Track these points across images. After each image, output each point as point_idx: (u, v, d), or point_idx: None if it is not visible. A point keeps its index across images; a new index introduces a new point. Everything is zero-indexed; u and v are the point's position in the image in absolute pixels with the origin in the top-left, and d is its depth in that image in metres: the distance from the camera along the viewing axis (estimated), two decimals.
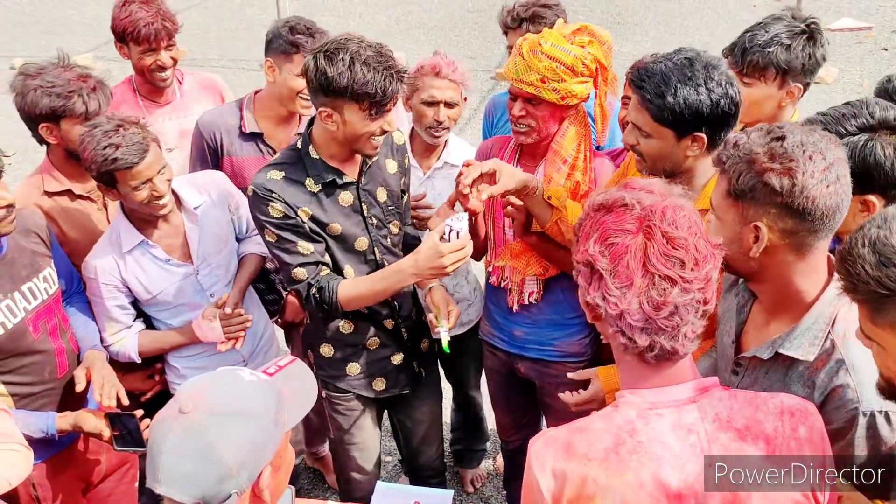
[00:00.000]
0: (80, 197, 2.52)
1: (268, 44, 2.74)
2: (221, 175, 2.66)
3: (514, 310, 2.51)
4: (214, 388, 1.30)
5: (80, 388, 2.26)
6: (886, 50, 8.83)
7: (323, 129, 2.17)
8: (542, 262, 2.41)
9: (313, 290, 2.23)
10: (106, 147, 2.16)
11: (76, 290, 2.48)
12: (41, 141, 2.43)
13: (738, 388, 1.64)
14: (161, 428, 1.26)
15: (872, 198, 1.68)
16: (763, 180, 1.42)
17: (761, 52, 2.21)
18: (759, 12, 10.50)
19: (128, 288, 2.42)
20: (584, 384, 2.20)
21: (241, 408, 1.28)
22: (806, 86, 2.30)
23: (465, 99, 2.82)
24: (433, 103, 2.69)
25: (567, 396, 2.18)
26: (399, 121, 3.18)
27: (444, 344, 2.28)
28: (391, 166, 2.40)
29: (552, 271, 2.42)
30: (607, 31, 2.37)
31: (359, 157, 2.29)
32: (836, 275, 1.35)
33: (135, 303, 2.51)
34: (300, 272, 2.23)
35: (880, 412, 1.42)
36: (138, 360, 2.54)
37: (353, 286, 2.25)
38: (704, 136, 1.88)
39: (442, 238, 2.10)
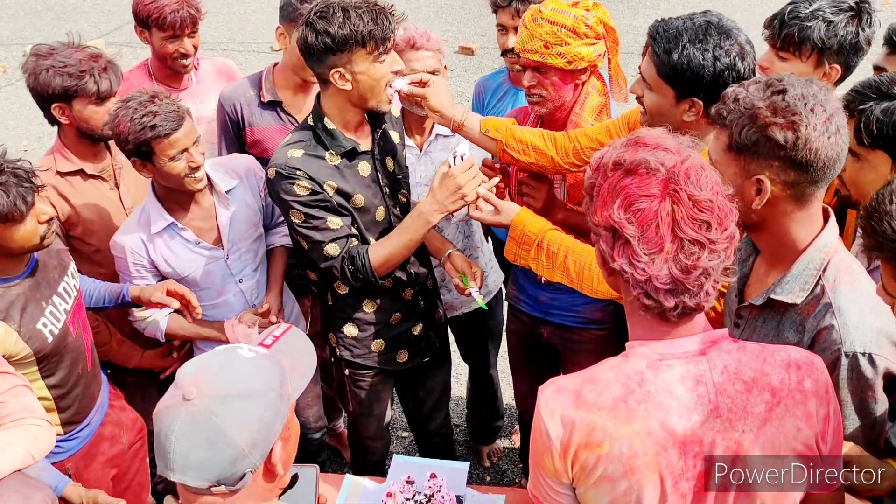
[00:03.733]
0: (93, 177, 2.53)
1: (280, 11, 2.76)
2: (252, 159, 2.66)
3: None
4: (215, 370, 1.29)
5: (174, 305, 2.31)
6: None
7: (334, 98, 2.18)
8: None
9: (346, 262, 2.24)
10: (144, 116, 2.16)
11: None
12: (53, 121, 2.44)
13: (740, 339, 1.66)
14: (167, 416, 1.25)
15: None
16: (766, 134, 1.42)
17: (799, 25, 2.10)
18: None
19: (156, 268, 2.43)
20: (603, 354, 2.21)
21: (245, 388, 1.27)
22: (847, 68, 2.16)
23: (446, 67, 2.82)
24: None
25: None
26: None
27: (480, 302, 2.30)
28: (394, 136, 2.43)
29: None
30: (619, 4, 2.35)
31: (368, 127, 2.30)
32: (858, 232, 1.35)
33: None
34: (332, 248, 2.22)
35: (863, 354, 1.44)
36: (163, 340, 2.57)
37: (382, 247, 2.24)
38: (701, 103, 1.87)
39: (449, 167, 2.13)
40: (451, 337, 3.22)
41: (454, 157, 2.12)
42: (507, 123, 2.32)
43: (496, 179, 2.24)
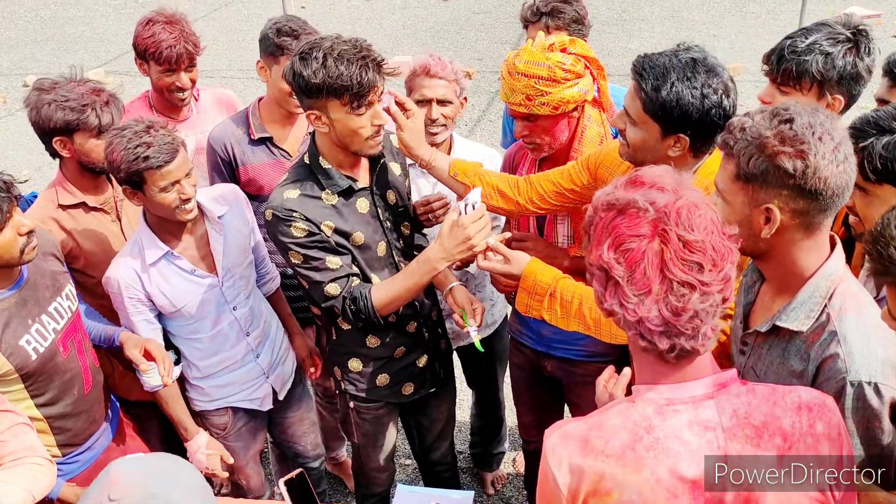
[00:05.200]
0: (94, 209, 2.54)
1: (259, 44, 2.78)
2: (236, 188, 2.67)
3: None
4: (147, 479, 1.25)
5: (143, 367, 2.31)
6: None
7: (322, 137, 2.17)
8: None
9: (347, 302, 2.22)
10: (138, 146, 2.16)
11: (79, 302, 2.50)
12: (54, 155, 2.45)
13: (745, 366, 1.65)
14: None
15: None
16: (775, 163, 1.41)
17: (797, 60, 2.08)
18: (766, 4, 10.45)
19: (151, 301, 2.40)
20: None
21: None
22: (851, 97, 2.15)
23: (466, 99, 2.83)
24: (426, 102, 2.71)
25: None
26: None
27: (476, 342, 2.27)
28: (395, 168, 2.41)
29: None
30: (614, 27, 2.36)
31: (365, 162, 2.29)
32: (865, 258, 1.35)
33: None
34: (332, 288, 2.20)
35: (868, 383, 1.42)
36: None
37: (385, 289, 2.22)
38: (687, 139, 1.87)
39: (459, 215, 2.10)
40: (457, 363, 3.21)
41: (465, 206, 2.09)
42: (476, 167, 2.34)
43: (507, 234, 2.24)
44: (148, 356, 2.33)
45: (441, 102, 2.71)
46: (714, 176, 1.57)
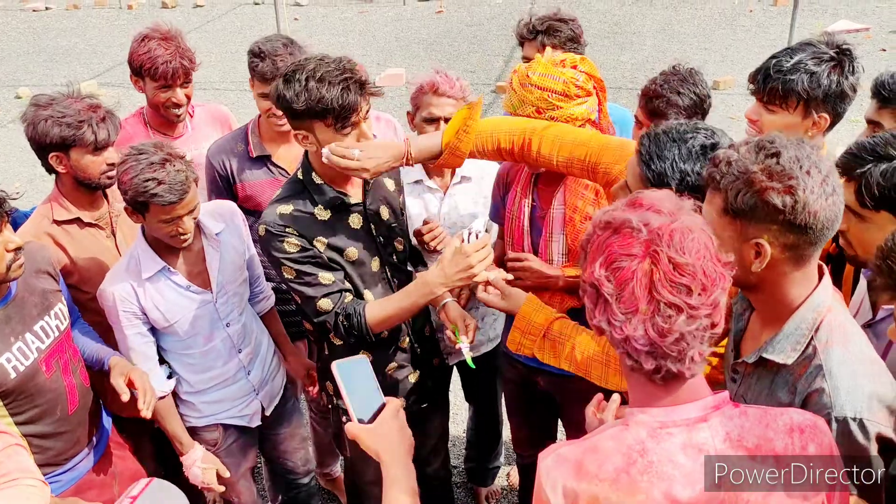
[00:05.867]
0: (89, 225, 2.53)
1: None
2: (234, 205, 2.68)
3: None
4: None
5: (125, 398, 2.26)
6: (885, 50, 8.85)
7: (314, 154, 2.17)
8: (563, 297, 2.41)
9: (340, 318, 2.21)
10: (148, 180, 2.16)
11: (75, 318, 2.48)
12: (50, 170, 2.45)
13: (737, 394, 1.65)
14: None
15: None
16: (764, 199, 1.40)
17: (782, 79, 2.11)
18: (756, 18, 10.55)
19: (145, 315, 2.40)
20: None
21: None
22: (836, 115, 2.16)
23: None
24: (433, 120, 2.71)
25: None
26: (399, 139, 3.21)
27: (468, 359, 2.26)
28: (389, 184, 2.42)
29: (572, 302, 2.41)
30: (606, 41, 2.38)
31: (359, 180, 2.29)
32: (860, 282, 1.34)
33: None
34: (325, 303, 2.20)
35: (854, 419, 1.40)
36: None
37: (381, 307, 2.22)
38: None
39: (462, 243, 2.10)
40: (454, 378, 3.21)
41: (469, 234, 2.11)
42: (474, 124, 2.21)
43: (508, 276, 2.21)
44: (132, 385, 2.30)
45: (448, 121, 2.71)
46: None
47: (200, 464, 2.52)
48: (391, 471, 1.49)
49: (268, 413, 2.73)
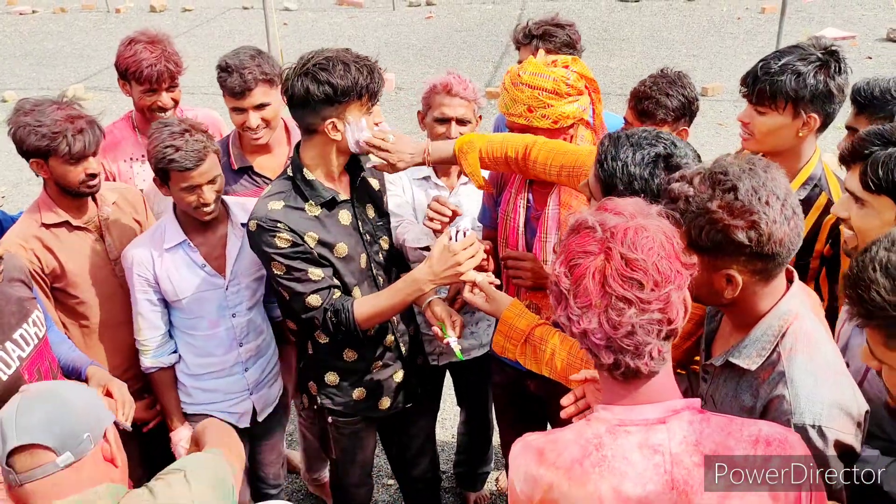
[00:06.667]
0: (78, 228, 2.51)
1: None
2: None
3: None
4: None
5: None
6: (871, 58, 8.93)
7: (319, 147, 2.20)
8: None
9: (329, 314, 2.24)
10: (167, 146, 2.28)
11: (48, 326, 2.45)
12: (37, 173, 2.43)
13: (706, 394, 1.68)
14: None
15: None
16: (729, 236, 1.43)
17: (770, 80, 2.16)
18: (744, 25, 10.64)
19: (158, 284, 2.46)
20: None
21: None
22: (826, 116, 2.20)
23: (480, 118, 2.85)
24: (445, 120, 2.73)
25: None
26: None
27: (458, 352, 2.28)
28: (374, 184, 2.45)
29: None
30: (595, 47, 2.39)
31: (347, 177, 2.33)
32: (846, 303, 1.35)
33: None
34: (314, 299, 2.22)
35: (812, 426, 1.42)
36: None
37: (370, 303, 2.24)
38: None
39: (450, 240, 2.14)
40: (447, 381, 3.20)
41: (457, 232, 2.14)
42: (478, 136, 2.34)
43: (495, 280, 2.22)
44: (109, 395, 2.28)
45: (460, 122, 2.73)
46: None
47: (184, 444, 2.56)
48: None
49: (260, 418, 2.73)
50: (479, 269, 2.18)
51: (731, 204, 1.42)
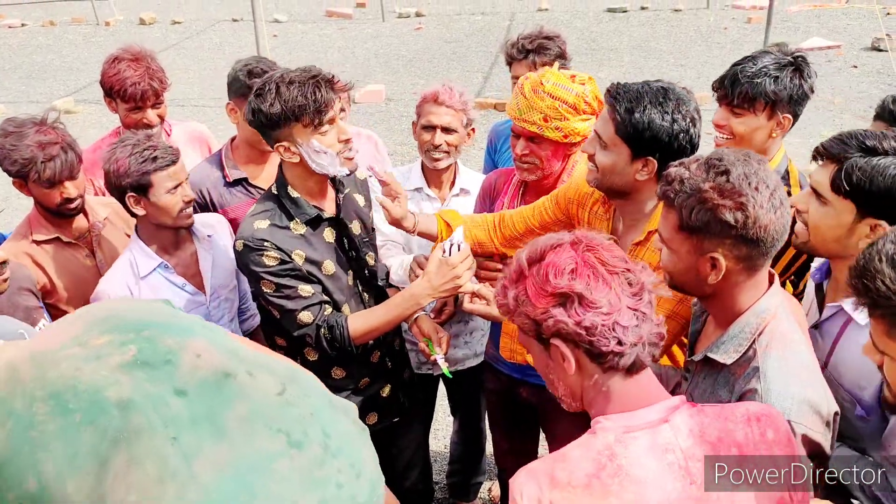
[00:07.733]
0: (69, 244, 2.51)
1: (228, 87, 2.79)
2: (220, 216, 2.70)
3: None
4: None
5: None
6: (856, 67, 9.03)
7: (292, 168, 2.19)
8: None
9: (322, 330, 2.24)
10: (145, 150, 2.26)
11: None
12: None
13: (687, 392, 1.72)
14: None
15: (885, 224, 1.73)
16: (717, 216, 1.48)
17: (750, 83, 2.24)
18: (730, 35, 10.74)
19: None
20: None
21: None
22: (795, 117, 2.32)
23: (473, 129, 2.87)
24: (431, 128, 2.75)
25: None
26: (384, 162, 3.22)
27: (444, 369, 2.27)
28: (360, 200, 2.45)
29: None
30: (583, 57, 2.43)
31: (331, 192, 2.32)
32: (852, 294, 1.39)
33: None
34: (305, 315, 2.21)
35: None
36: None
37: (364, 319, 2.24)
38: (656, 162, 1.93)
39: (444, 254, 2.15)
40: (441, 391, 3.20)
41: (451, 246, 2.15)
42: (458, 217, 2.41)
43: (498, 265, 2.27)
44: None
45: (446, 130, 2.75)
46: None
47: None
48: None
49: None
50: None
51: (721, 185, 1.48)
